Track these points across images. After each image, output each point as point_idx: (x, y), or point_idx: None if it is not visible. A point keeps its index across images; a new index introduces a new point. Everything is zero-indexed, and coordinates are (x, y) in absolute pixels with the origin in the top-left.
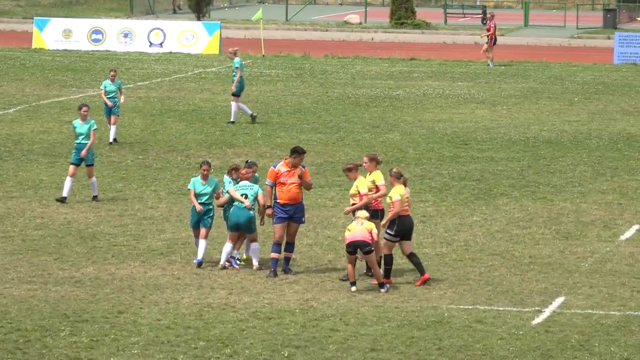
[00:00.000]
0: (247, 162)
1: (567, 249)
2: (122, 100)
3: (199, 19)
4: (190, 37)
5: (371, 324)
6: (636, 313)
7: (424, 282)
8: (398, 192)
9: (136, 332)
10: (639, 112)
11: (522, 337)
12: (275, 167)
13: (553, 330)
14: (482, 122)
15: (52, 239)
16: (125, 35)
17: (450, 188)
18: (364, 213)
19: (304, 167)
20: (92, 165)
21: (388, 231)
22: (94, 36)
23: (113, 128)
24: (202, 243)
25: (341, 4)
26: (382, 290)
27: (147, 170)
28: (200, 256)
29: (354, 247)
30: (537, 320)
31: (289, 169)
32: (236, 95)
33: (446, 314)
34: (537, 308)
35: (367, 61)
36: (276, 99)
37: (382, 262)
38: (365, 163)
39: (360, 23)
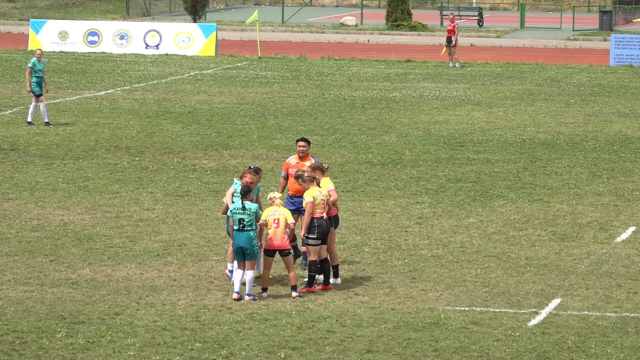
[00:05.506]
0: (250, 167)
1: (564, 251)
2: None
3: (195, 20)
4: (186, 39)
5: (367, 326)
6: (632, 315)
7: (324, 290)
8: (310, 194)
9: (132, 334)
10: (635, 114)
11: (519, 339)
12: (287, 159)
13: (549, 332)
14: (478, 123)
15: (48, 241)
16: (122, 37)
17: (446, 190)
18: (276, 195)
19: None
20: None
21: (310, 236)
22: (90, 38)
23: None
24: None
25: (337, 6)
26: (294, 294)
27: (144, 172)
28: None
29: (273, 253)
30: (534, 321)
31: (298, 161)
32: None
33: (442, 316)
34: (533, 309)
35: (363, 63)
36: (272, 100)
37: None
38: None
39: (356, 25)
